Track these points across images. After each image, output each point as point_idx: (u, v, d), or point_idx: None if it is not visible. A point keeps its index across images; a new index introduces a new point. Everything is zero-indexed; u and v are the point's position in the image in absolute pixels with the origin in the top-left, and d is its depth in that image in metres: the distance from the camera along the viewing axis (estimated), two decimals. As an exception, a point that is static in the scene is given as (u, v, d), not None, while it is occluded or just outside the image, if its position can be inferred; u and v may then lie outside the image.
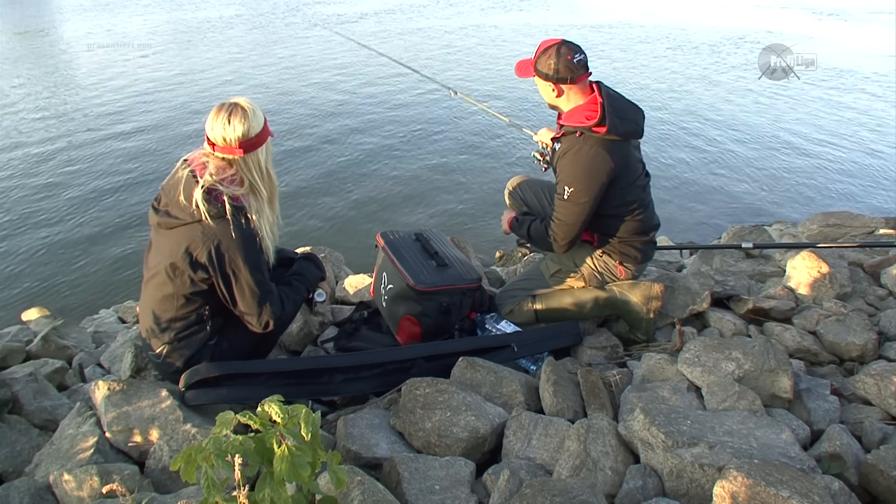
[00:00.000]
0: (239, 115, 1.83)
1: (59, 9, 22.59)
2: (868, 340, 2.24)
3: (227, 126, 1.83)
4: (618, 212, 2.27)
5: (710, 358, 1.94)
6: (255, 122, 1.86)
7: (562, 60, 2.11)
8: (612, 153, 2.11)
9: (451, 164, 6.98)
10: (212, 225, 1.80)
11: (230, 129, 1.83)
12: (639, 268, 2.44)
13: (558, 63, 2.11)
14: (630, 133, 2.17)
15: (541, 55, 2.17)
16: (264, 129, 1.90)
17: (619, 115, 2.11)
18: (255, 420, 1.08)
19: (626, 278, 2.40)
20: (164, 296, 1.90)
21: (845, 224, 4.07)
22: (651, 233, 2.39)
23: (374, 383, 2.12)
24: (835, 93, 9.53)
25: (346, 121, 8.54)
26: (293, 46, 13.93)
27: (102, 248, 5.36)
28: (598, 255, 2.38)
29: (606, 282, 2.42)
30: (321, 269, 2.38)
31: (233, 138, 1.83)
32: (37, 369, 2.47)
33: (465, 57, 12.24)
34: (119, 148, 7.69)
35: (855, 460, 1.59)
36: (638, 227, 2.32)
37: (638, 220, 2.30)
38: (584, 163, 2.12)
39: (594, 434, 1.62)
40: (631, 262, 2.38)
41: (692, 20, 15.85)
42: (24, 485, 1.65)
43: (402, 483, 1.52)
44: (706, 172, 6.65)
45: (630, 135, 2.17)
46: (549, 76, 2.15)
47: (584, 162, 2.12)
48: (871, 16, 16.70)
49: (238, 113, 1.84)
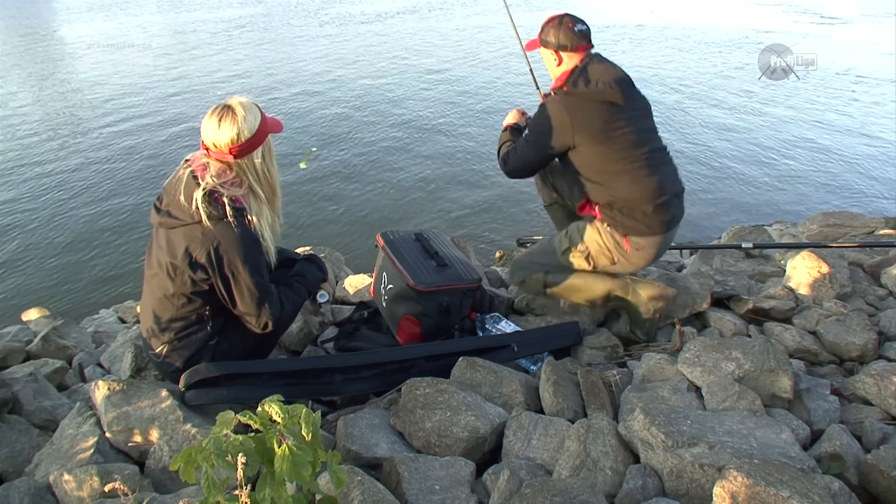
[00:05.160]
0: (229, 120, 1.79)
1: (60, 9, 22.58)
2: (868, 340, 2.24)
3: (217, 131, 1.79)
4: (605, 179, 2.24)
5: (710, 358, 1.94)
6: (246, 125, 1.81)
7: (563, 29, 2.26)
8: (570, 109, 2.20)
9: (451, 165, 6.99)
10: (211, 226, 1.79)
11: (220, 134, 1.79)
12: (649, 241, 2.28)
13: (559, 31, 2.26)
14: (592, 94, 2.18)
15: (545, 25, 2.32)
16: (260, 131, 1.85)
17: (586, 76, 2.20)
18: (256, 420, 1.08)
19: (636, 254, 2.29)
20: (165, 295, 1.90)
21: (845, 224, 4.07)
22: (657, 199, 2.23)
23: (374, 383, 2.12)
24: (834, 93, 9.53)
25: (345, 121, 8.54)
26: (293, 47, 13.92)
27: (102, 248, 5.37)
28: (603, 230, 2.32)
29: (616, 260, 2.33)
30: (323, 270, 2.37)
31: (223, 144, 1.80)
32: (37, 369, 2.47)
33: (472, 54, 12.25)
34: (120, 147, 7.69)
35: (855, 460, 1.59)
36: (638, 195, 2.22)
37: (637, 187, 2.22)
38: (543, 114, 2.27)
39: (594, 434, 1.62)
40: (636, 234, 2.26)
41: (691, 20, 15.85)
42: (24, 485, 1.65)
43: (402, 483, 1.52)
44: (706, 172, 6.65)
45: (593, 95, 2.18)
46: (550, 43, 2.29)
47: (542, 114, 2.28)
48: (871, 16, 16.70)
49: (228, 117, 1.79)
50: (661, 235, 2.30)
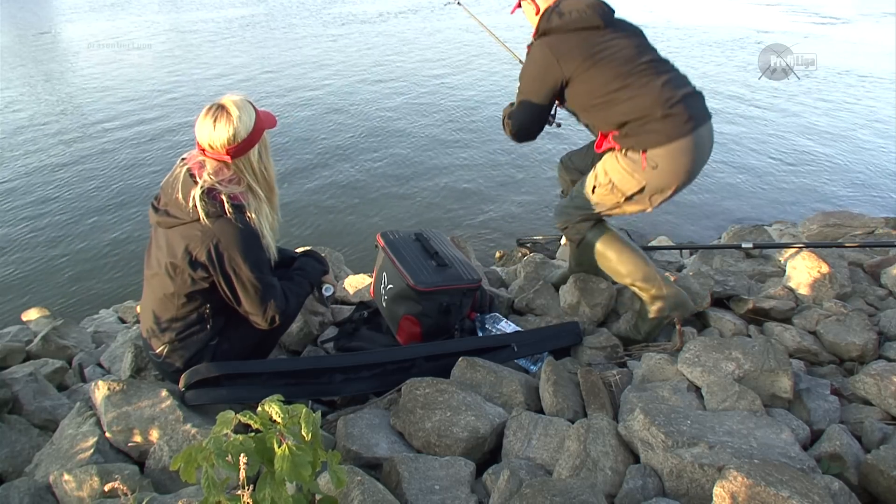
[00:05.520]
0: (224, 120, 1.78)
1: (60, 9, 22.58)
2: (868, 340, 2.24)
3: (213, 132, 1.79)
4: (608, 101, 2.14)
5: (710, 358, 1.94)
6: (241, 125, 1.80)
7: None
8: (552, 46, 2.17)
9: (451, 165, 6.98)
10: (210, 224, 1.79)
11: (215, 135, 1.79)
12: (671, 150, 2.08)
13: None
14: (568, 24, 2.16)
15: None
16: (255, 130, 1.84)
17: (559, 11, 2.18)
18: (256, 420, 1.08)
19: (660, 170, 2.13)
20: (165, 295, 1.90)
21: (845, 224, 4.08)
22: (667, 103, 2.07)
23: (374, 383, 2.12)
24: (835, 93, 9.53)
25: (345, 121, 8.54)
26: (294, 46, 13.92)
27: (102, 248, 5.37)
28: (621, 156, 2.21)
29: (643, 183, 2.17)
30: (323, 263, 2.37)
31: (219, 144, 1.80)
32: (37, 369, 2.47)
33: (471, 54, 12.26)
34: (120, 147, 7.70)
35: (855, 460, 1.59)
36: (645, 104, 2.09)
37: (641, 96, 2.10)
38: (528, 61, 2.25)
39: (594, 434, 1.62)
40: (655, 145, 2.10)
41: (691, 20, 15.85)
42: (24, 485, 1.65)
43: (402, 483, 1.52)
44: (706, 173, 6.61)
45: (569, 25, 2.16)
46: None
47: (527, 61, 2.26)
48: (870, 16, 16.70)
49: (223, 117, 1.79)
50: (684, 139, 2.08)
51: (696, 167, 2.18)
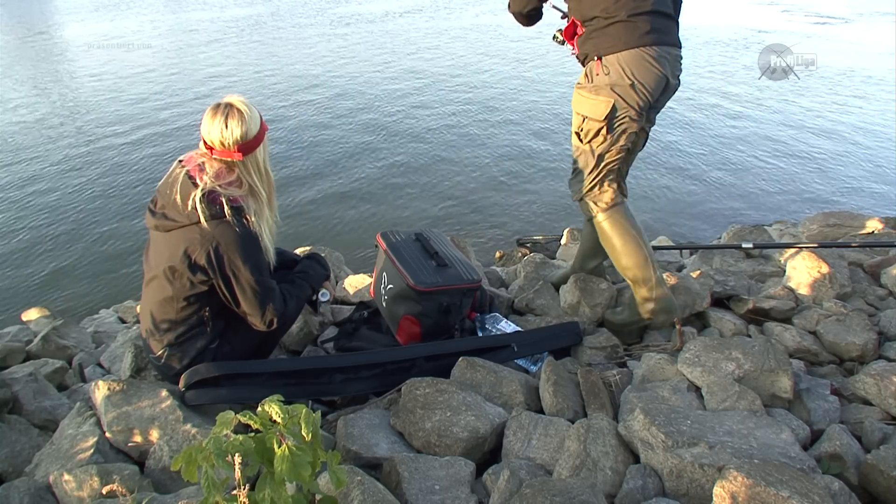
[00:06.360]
0: (236, 118, 1.80)
1: (61, 9, 22.58)
2: (868, 340, 2.24)
3: (225, 129, 1.79)
4: None
5: (710, 358, 1.94)
6: (252, 123, 1.82)
7: None
8: None
9: (452, 165, 6.99)
10: (209, 227, 1.79)
11: (227, 132, 1.79)
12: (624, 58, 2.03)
13: None
14: None
15: None
16: (261, 129, 1.87)
17: None
18: (256, 420, 1.08)
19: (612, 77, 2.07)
20: (164, 298, 1.89)
21: (845, 224, 4.07)
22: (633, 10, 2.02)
23: (374, 383, 2.12)
24: (835, 93, 9.53)
25: (346, 121, 8.54)
26: (294, 46, 13.92)
27: (102, 248, 5.37)
28: (581, 87, 2.19)
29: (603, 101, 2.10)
30: (326, 267, 2.37)
31: (231, 142, 1.80)
32: (37, 369, 2.47)
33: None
34: (120, 147, 7.70)
35: (855, 460, 1.59)
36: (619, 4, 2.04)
37: None
38: None
39: (594, 434, 1.62)
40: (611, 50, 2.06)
41: (691, 20, 15.81)
42: (24, 485, 1.65)
43: (402, 483, 1.52)
44: (706, 173, 6.65)
45: None
46: None
47: None
48: (870, 16, 16.70)
49: (235, 115, 1.80)
50: (638, 50, 2.03)
51: (653, 87, 2.09)
